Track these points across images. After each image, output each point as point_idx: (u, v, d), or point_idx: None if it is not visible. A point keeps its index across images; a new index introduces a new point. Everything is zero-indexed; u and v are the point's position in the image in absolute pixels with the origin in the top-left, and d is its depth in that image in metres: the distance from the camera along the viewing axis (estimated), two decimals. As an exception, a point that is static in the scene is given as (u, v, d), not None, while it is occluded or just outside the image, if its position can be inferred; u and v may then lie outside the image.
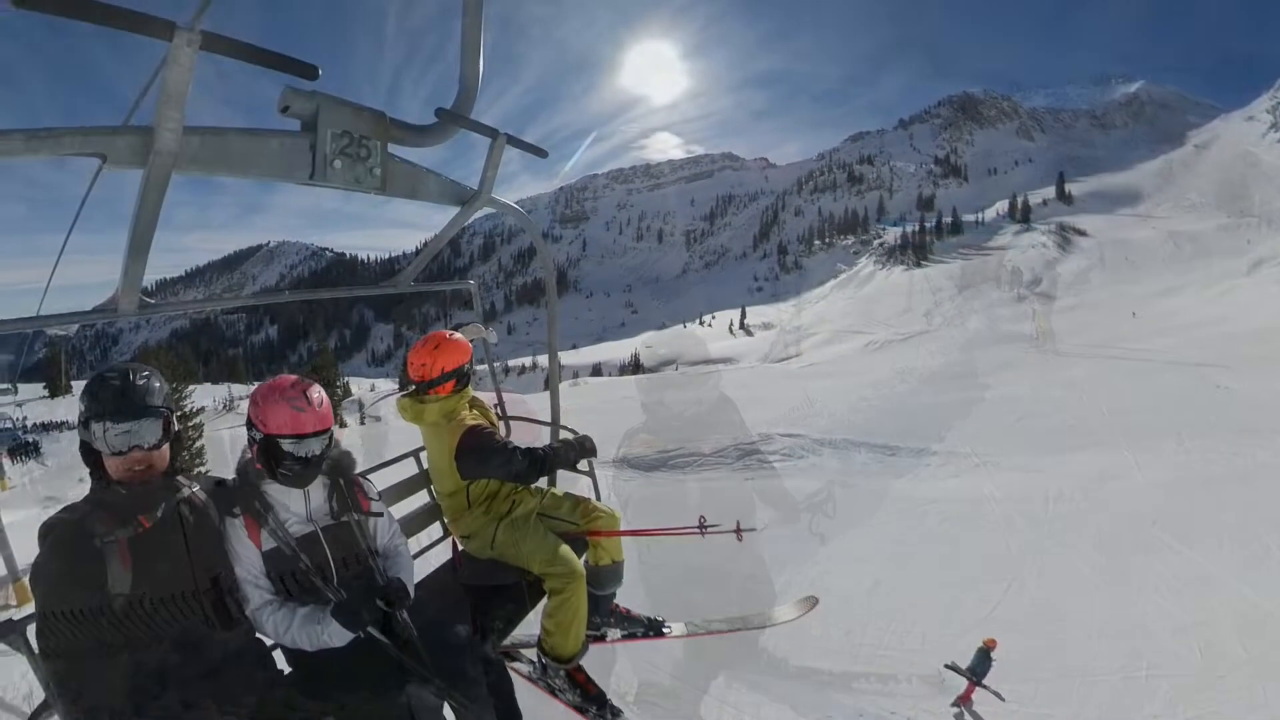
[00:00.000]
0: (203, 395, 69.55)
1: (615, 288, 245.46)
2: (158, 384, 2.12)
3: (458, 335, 3.48)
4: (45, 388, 59.73)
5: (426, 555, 3.76)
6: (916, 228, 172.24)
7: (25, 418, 32.24)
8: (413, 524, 3.58)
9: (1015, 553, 7.81)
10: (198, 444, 22.70)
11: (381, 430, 37.73)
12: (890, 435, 15.01)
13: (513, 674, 3.14)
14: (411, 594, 2.32)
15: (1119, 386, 28.17)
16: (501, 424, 3.94)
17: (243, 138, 2.03)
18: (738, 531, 3.71)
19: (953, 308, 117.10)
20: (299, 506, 2.33)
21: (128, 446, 2.00)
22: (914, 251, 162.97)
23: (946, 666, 4.35)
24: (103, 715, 1.74)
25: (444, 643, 2.42)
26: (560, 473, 3.72)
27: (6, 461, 33.87)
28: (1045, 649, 5.24)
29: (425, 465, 3.73)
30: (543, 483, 3.85)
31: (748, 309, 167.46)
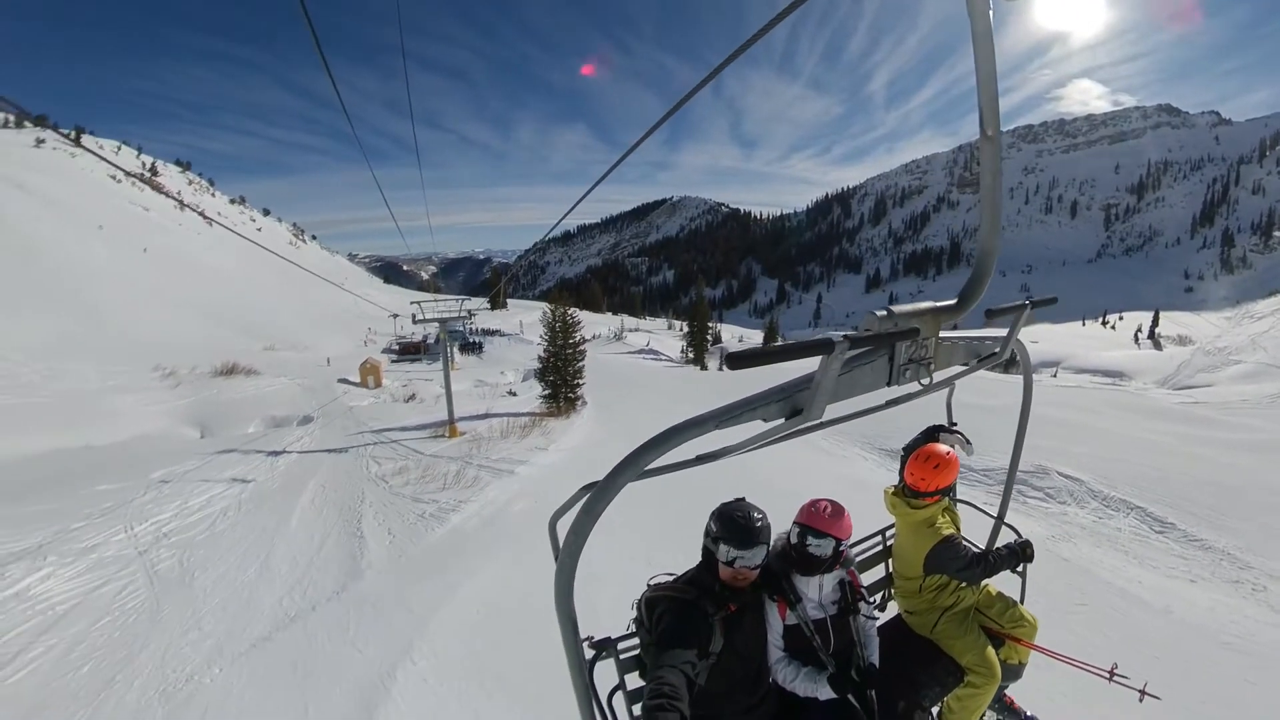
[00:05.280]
0: (601, 324, 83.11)
1: (1013, 266, 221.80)
2: (765, 525, 2.89)
3: (950, 452, 3.84)
4: (488, 302, 75.73)
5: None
6: None
7: (473, 323, 43.69)
8: (868, 589, 4.09)
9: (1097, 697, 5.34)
10: (579, 364, 29.09)
11: (735, 377, 41.72)
12: (1181, 510, 12.83)
13: None
14: (878, 677, 3.12)
15: None
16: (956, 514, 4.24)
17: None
18: (1142, 693, 3.70)
19: None
20: (815, 594, 3.11)
21: (745, 567, 2.84)
22: None
23: None
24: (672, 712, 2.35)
25: (894, 707, 3.35)
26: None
27: (458, 354, 53.26)
28: None
29: (888, 543, 4.38)
30: None
31: (1164, 313, 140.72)
